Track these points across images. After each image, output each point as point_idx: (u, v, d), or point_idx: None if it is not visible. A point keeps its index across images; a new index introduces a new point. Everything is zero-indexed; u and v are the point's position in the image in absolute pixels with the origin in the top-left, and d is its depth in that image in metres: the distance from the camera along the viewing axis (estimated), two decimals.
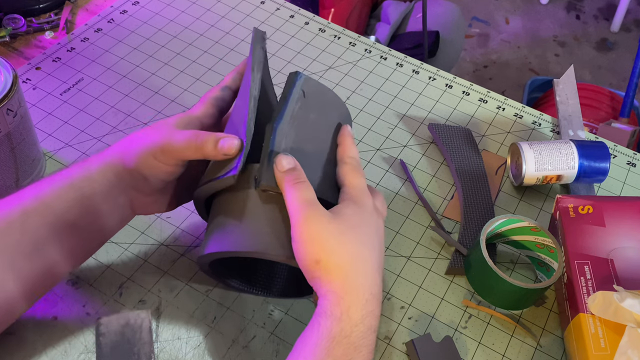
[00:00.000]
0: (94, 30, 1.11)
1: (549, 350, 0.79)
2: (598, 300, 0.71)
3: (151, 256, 0.82)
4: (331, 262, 0.61)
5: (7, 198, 0.68)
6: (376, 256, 0.64)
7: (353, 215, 0.64)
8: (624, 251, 0.78)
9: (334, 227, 0.62)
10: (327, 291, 0.61)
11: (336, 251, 0.61)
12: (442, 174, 0.96)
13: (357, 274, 0.61)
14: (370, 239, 0.64)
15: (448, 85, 1.09)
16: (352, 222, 0.63)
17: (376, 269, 0.63)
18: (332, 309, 0.60)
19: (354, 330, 0.59)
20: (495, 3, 3.09)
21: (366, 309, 0.61)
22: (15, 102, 0.78)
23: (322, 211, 0.62)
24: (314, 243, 0.61)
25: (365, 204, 0.66)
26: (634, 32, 2.98)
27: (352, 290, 0.60)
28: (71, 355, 0.73)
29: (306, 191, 0.63)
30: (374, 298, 0.62)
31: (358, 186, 0.67)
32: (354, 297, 0.60)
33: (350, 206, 0.64)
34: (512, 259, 0.87)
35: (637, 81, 1.88)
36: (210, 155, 0.66)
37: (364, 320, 0.60)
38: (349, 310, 0.60)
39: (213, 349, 0.75)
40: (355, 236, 0.63)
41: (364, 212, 0.65)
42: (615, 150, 1.02)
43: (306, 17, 1.18)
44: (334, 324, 0.59)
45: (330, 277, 0.61)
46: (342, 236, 0.61)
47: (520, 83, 2.67)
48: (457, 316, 0.81)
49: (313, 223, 0.61)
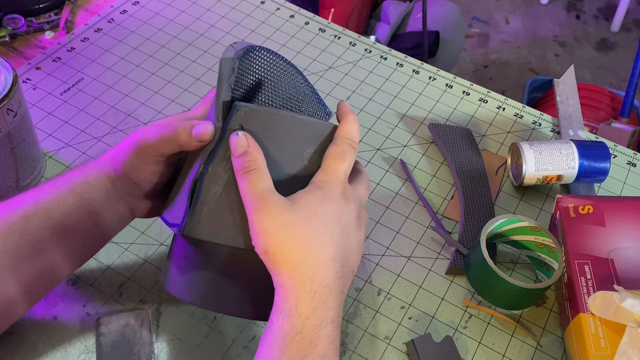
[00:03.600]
0: (94, 30, 1.11)
1: (549, 350, 0.79)
2: (598, 300, 0.71)
3: (151, 256, 0.82)
4: (279, 254, 0.59)
5: (8, 201, 0.68)
6: (333, 245, 0.61)
7: (311, 202, 0.61)
8: (624, 251, 0.78)
9: (286, 217, 0.59)
10: (277, 285, 0.60)
11: (285, 243, 0.59)
12: (442, 173, 0.96)
13: (307, 266, 0.59)
14: (327, 227, 0.61)
15: (448, 85, 1.09)
16: (308, 211, 0.60)
17: (332, 258, 0.61)
18: (282, 305, 0.59)
19: (305, 324, 0.58)
20: (495, 3, 3.10)
21: (316, 301, 0.59)
22: (16, 102, 0.79)
23: (276, 201, 0.60)
24: (265, 235, 0.59)
25: (330, 189, 0.63)
26: (634, 32, 2.99)
27: (300, 283, 0.59)
28: (71, 354, 0.73)
29: (257, 180, 0.60)
30: (326, 288, 0.59)
31: (333, 171, 0.64)
32: (301, 290, 0.58)
33: (312, 192, 0.62)
34: (513, 258, 0.87)
35: (637, 81, 1.88)
36: (185, 144, 0.64)
37: (315, 313, 0.58)
38: (297, 304, 0.58)
39: (213, 349, 0.75)
40: (309, 225, 0.60)
41: (325, 199, 0.62)
42: (615, 150, 1.02)
43: (306, 17, 1.19)
44: (285, 321, 0.58)
45: (278, 270, 0.59)
46: (294, 227, 0.59)
47: (520, 83, 2.67)
48: (458, 316, 0.81)
49: (264, 215, 0.59)
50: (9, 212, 0.66)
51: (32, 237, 0.66)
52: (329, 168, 0.64)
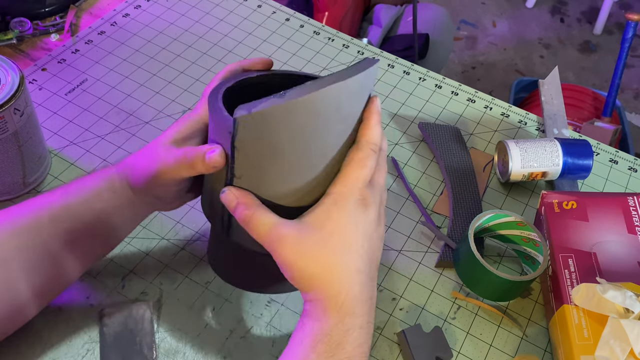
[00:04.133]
0: (98, 32, 1.11)
1: (535, 340, 0.80)
2: (581, 292, 0.71)
3: (152, 250, 0.83)
4: (305, 280, 0.60)
5: (36, 200, 0.69)
6: (355, 256, 0.61)
7: (326, 222, 0.60)
8: (607, 245, 0.79)
9: (303, 244, 0.59)
10: (309, 299, 0.61)
11: (307, 268, 0.59)
12: (431, 170, 0.97)
13: (332, 284, 0.59)
14: (346, 242, 0.60)
15: (437, 86, 1.10)
16: (324, 232, 0.60)
17: (356, 269, 0.61)
18: (312, 312, 0.60)
19: (334, 329, 0.59)
20: (483, 7, 3.09)
21: (344, 312, 0.60)
22: (22, 102, 0.79)
23: (287, 232, 0.59)
24: (287, 266, 0.60)
25: (347, 203, 0.61)
26: (616, 35, 2.99)
27: (327, 299, 0.59)
28: (75, 344, 0.73)
29: (258, 223, 0.59)
30: (354, 300, 0.60)
31: (351, 181, 0.61)
32: (330, 303, 0.59)
33: (327, 211, 0.60)
34: (499, 252, 0.88)
35: (619, 82, 1.88)
36: (204, 172, 0.63)
37: (343, 320, 0.59)
38: (326, 312, 0.59)
39: (212, 339, 0.75)
40: (327, 246, 0.59)
41: (341, 215, 0.60)
42: (598, 148, 1.03)
43: (301, 20, 1.19)
44: (315, 325, 0.59)
45: (307, 288, 0.60)
46: (314, 250, 0.59)
47: (506, 83, 2.67)
48: (447, 307, 0.82)
49: (281, 249, 0.59)
50: (39, 211, 0.67)
51: (59, 237, 0.67)
52: (347, 177, 0.61)
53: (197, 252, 0.83)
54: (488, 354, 0.78)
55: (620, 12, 3.09)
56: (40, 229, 0.67)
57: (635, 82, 2.80)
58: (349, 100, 0.60)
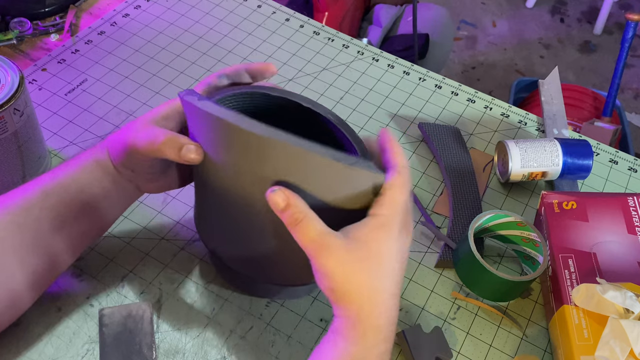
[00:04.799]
0: (98, 33, 1.11)
1: (535, 340, 0.80)
2: (581, 292, 0.72)
3: (152, 250, 0.83)
4: (345, 292, 0.59)
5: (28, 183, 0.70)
6: (394, 282, 0.62)
7: (374, 241, 0.60)
8: (606, 245, 0.79)
9: (350, 257, 0.59)
10: (342, 315, 0.60)
11: (350, 281, 0.59)
12: (431, 171, 0.97)
13: (372, 305, 0.60)
14: (388, 267, 0.61)
15: (437, 86, 1.10)
16: (371, 251, 0.60)
17: (392, 295, 0.61)
18: (348, 332, 0.60)
19: (370, 353, 0.60)
20: (483, 7, 3.09)
21: (381, 335, 0.60)
22: (22, 102, 0.79)
23: (336, 242, 0.59)
24: (329, 276, 0.59)
25: (393, 226, 0.61)
26: (616, 35, 2.99)
27: (367, 319, 0.60)
28: (75, 344, 0.73)
29: (308, 228, 0.59)
30: (388, 323, 0.61)
31: (397, 205, 0.61)
32: (368, 325, 0.60)
33: (375, 230, 0.60)
34: (499, 252, 0.88)
35: (618, 82, 1.88)
36: (173, 159, 0.64)
37: (379, 345, 0.60)
38: (365, 335, 0.59)
39: (211, 339, 0.75)
40: (372, 266, 0.60)
41: (389, 238, 0.61)
42: (597, 148, 1.03)
43: (301, 20, 1.19)
44: (351, 346, 0.59)
45: (344, 305, 0.60)
46: (357, 266, 0.59)
47: (506, 84, 2.67)
48: (446, 308, 0.82)
49: (327, 257, 0.59)
50: (28, 189, 0.68)
51: (49, 212, 0.67)
52: (393, 201, 0.61)
53: (197, 252, 0.83)
54: (488, 354, 0.78)
55: (620, 12, 3.09)
56: (31, 206, 0.67)
57: (635, 82, 2.80)
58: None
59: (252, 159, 0.60)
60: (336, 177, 0.60)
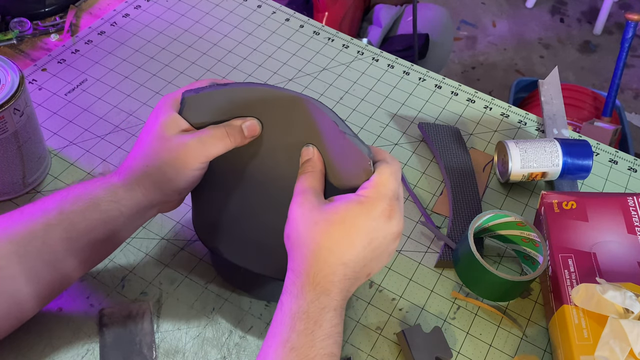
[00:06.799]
0: (98, 33, 1.11)
1: (534, 340, 0.80)
2: (581, 292, 0.72)
3: (152, 250, 0.83)
4: (295, 242, 0.64)
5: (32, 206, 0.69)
6: (349, 252, 0.63)
7: (344, 212, 0.63)
8: (606, 245, 0.80)
9: (313, 215, 0.63)
10: (289, 269, 0.64)
11: (304, 233, 0.63)
12: (431, 171, 0.97)
13: (315, 261, 0.62)
14: (349, 236, 0.63)
15: (437, 86, 1.10)
16: (336, 217, 0.63)
17: (342, 262, 0.63)
18: (290, 287, 0.63)
19: (310, 306, 0.61)
20: (483, 7, 3.09)
21: (318, 290, 0.62)
22: (22, 102, 0.79)
23: (311, 199, 0.65)
24: (291, 222, 0.65)
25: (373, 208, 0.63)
26: (616, 35, 2.99)
27: (306, 272, 0.62)
28: (75, 344, 0.74)
29: (307, 179, 0.67)
30: (329, 283, 0.62)
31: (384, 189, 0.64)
32: (306, 279, 0.62)
33: (350, 204, 0.63)
34: (499, 252, 0.88)
35: (618, 82, 1.88)
36: (238, 144, 0.70)
37: (319, 298, 0.62)
38: (303, 289, 0.62)
39: (211, 339, 0.76)
40: (334, 232, 0.62)
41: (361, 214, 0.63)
42: (597, 148, 1.03)
43: (301, 21, 1.19)
44: (292, 302, 0.62)
45: (292, 255, 0.64)
46: (315, 225, 0.63)
47: (506, 84, 2.67)
48: (446, 307, 0.82)
49: (297, 206, 0.65)
50: (33, 219, 0.67)
51: (53, 245, 0.66)
52: (378, 185, 0.64)
53: (197, 252, 0.83)
54: (488, 354, 0.78)
55: (620, 12, 3.09)
56: (34, 236, 0.66)
57: (635, 82, 2.81)
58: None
59: (279, 122, 0.70)
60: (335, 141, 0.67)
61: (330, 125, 0.67)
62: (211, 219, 0.75)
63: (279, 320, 0.62)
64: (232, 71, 1.07)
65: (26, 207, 0.69)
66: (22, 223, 0.67)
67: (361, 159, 0.66)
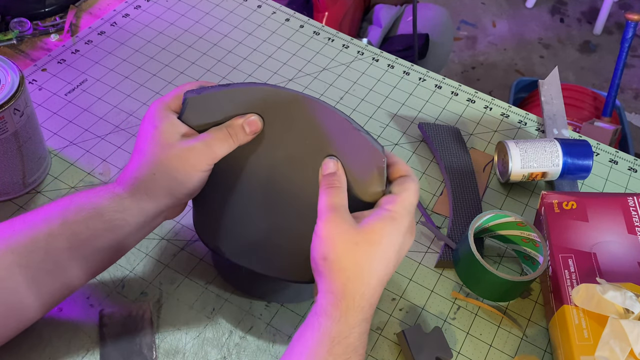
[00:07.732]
0: (98, 33, 1.11)
1: (534, 340, 0.80)
2: (581, 292, 0.72)
3: (152, 250, 0.83)
4: (336, 264, 0.62)
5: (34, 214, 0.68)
6: (386, 271, 0.65)
7: (380, 230, 0.64)
8: (606, 245, 0.80)
9: (352, 234, 0.62)
10: (326, 290, 0.63)
11: (345, 255, 0.62)
12: (431, 171, 0.97)
13: (360, 284, 0.62)
14: (386, 256, 0.64)
15: (437, 86, 1.10)
16: (374, 237, 0.63)
17: (380, 282, 0.64)
18: (330, 310, 0.62)
19: (352, 332, 0.61)
20: (483, 7, 3.09)
21: (362, 315, 0.62)
22: (22, 102, 0.79)
23: (345, 217, 0.64)
24: (329, 242, 0.63)
25: (402, 223, 0.65)
26: (616, 35, 2.99)
27: (351, 296, 0.62)
28: (75, 345, 0.74)
29: (335, 196, 0.65)
30: (371, 306, 0.64)
31: (408, 205, 0.66)
32: (351, 303, 0.62)
33: (384, 221, 0.64)
34: (499, 252, 0.88)
35: (618, 82, 1.88)
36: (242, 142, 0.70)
37: (361, 324, 0.62)
38: (347, 313, 0.61)
39: (211, 339, 0.76)
40: (371, 250, 0.63)
41: (395, 233, 0.64)
42: (597, 149, 1.03)
43: (301, 21, 1.19)
44: (333, 325, 0.61)
45: (332, 277, 0.62)
46: (356, 245, 0.62)
47: (506, 84, 2.67)
48: (446, 308, 0.82)
49: (334, 225, 0.63)
50: (35, 228, 0.66)
51: (56, 255, 0.66)
52: (405, 201, 0.66)
53: (197, 253, 0.83)
54: (488, 354, 0.78)
55: (620, 12, 3.09)
56: (37, 246, 0.66)
57: (635, 82, 2.81)
58: None
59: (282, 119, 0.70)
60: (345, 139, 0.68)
61: (340, 123, 0.68)
62: (212, 219, 0.75)
63: (313, 339, 0.61)
64: (232, 71, 1.07)
65: (28, 215, 0.68)
66: (24, 232, 0.66)
67: (375, 156, 0.67)
